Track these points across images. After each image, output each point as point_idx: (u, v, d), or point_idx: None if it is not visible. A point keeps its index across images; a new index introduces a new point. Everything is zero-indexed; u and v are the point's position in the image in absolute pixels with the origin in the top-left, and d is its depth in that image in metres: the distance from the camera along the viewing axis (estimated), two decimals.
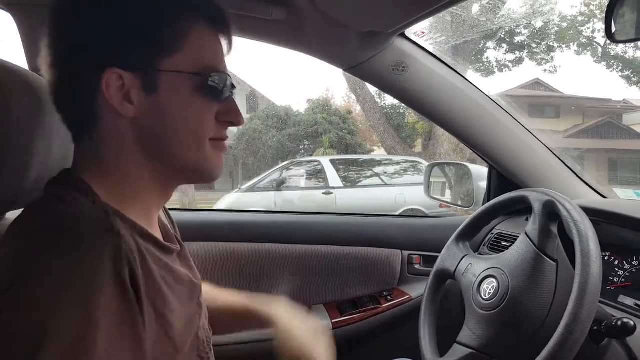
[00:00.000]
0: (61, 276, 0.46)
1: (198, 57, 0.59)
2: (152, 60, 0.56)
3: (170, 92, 0.58)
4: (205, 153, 0.62)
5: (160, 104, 0.57)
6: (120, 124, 0.57)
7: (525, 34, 13.31)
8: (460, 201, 1.72)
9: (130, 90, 0.56)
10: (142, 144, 0.59)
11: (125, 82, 0.55)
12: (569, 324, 0.73)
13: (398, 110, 13.33)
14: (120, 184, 0.59)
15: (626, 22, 0.88)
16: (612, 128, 15.38)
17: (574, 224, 0.81)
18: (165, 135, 0.59)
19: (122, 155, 0.59)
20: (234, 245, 1.38)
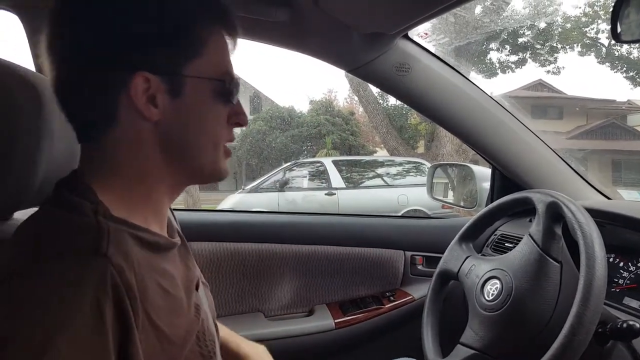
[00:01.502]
0: (38, 292, 0.45)
1: (216, 62, 0.61)
2: (178, 65, 0.57)
3: (193, 96, 0.59)
4: (219, 156, 0.63)
5: (183, 107, 0.58)
6: (142, 126, 0.57)
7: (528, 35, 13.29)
8: (463, 202, 1.72)
9: (155, 93, 0.56)
10: (163, 146, 0.59)
11: (152, 85, 0.56)
12: (574, 325, 0.72)
13: (401, 111, 13.33)
14: (133, 186, 0.59)
15: (631, 22, 0.88)
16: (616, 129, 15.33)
17: (578, 225, 0.81)
18: (186, 139, 0.60)
19: (139, 156, 0.58)
20: (237, 246, 1.38)
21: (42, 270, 0.46)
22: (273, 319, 1.41)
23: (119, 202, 0.56)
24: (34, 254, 0.48)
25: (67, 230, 0.50)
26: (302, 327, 1.38)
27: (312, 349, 1.37)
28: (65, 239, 0.49)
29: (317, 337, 1.37)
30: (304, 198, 7.36)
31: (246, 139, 13.39)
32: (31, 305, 0.44)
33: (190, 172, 0.63)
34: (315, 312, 1.43)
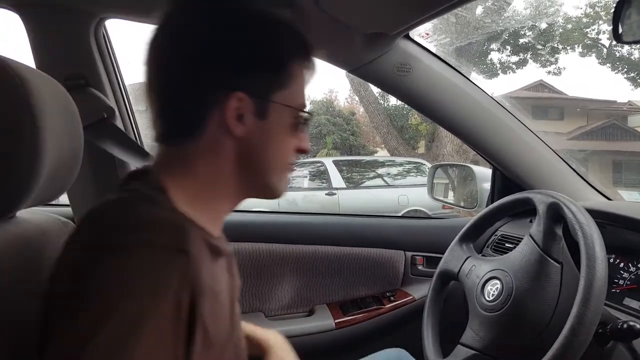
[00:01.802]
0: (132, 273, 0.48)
1: (298, 95, 0.67)
2: (269, 91, 0.63)
3: (276, 121, 0.64)
4: (284, 177, 0.70)
5: (265, 129, 0.64)
6: (226, 139, 0.62)
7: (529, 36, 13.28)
8: (464, 202, 1.72)
9: (244, 113, 0.61)
10: (239, 160, 0.64)
11: (244, 105, 0.61)
12: (574, 326, 0.72)
13: (401, 111, 13.32)
14: (201, 190, 0.63)
15: (633, 23, 0.88)
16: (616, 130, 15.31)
17: (579, 226, 0.81)
18: (262, 157, 0.65)
19: (215, 165, 0.63)
20: (238, 245, 1.38)
21: (135, 254, 0.49)
22: (273, 318, 1.41)
23: (187, 203, 0.60)
24: (125, 238, 0.50)
25: (154, 223, 0.53)
26: (303, 327, 1.38)
27: (313, 349, 1.37)
28: (152, 230, 0.52)
29: (318, 337, 1.37)
30: (304, 198, 7.34)
31: None
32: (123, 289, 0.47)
33: (256, 187, 0.68)
34: (315, 312, 1.43)
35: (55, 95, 0.67)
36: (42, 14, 1.10)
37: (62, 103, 0.68)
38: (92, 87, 1.18)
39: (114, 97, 1.27)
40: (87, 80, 1.17)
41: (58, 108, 0.66)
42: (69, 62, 1.18)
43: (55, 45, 1.15)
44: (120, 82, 1.30)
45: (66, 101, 0.69)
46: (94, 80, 1.18)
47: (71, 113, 0.70)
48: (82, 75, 1.17)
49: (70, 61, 1.18)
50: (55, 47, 1.15)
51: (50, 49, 1.15)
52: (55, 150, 0.63)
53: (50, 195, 0.70)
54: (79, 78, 1.16)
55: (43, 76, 0.66)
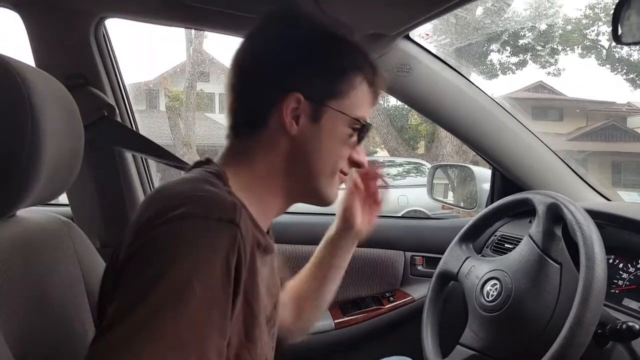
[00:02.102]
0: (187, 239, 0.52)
1: (357, 107, 0.70)
2: (324, 97, 0.68)
3: (329, 126, 0.68)
4: (332, 182, 0.72)
5: (318, 132, 0.68)
6: (281, 137, 0.67)
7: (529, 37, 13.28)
8: (463, 203, 1.72)
9: (300, 114, 0.66)
10: (291, 157, 0.68)
11: (300, 106, 0.66)
12: (573, 327, 0.73)
13: (401, 111, 13.30)
14: (256, 183, 0.68)
15: (632, 24, 0.88)
16: (616, 131, 15.31)
17: (578, 226, 0.81)
18: (312, 157, 0.69)
19: (270, 161, 0.68)
20: None
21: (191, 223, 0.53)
22: None
23: (241, 191, 0.63)
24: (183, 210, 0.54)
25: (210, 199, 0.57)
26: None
27: (312, 349, 1.36)
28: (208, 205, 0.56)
29: (317, 338, 1.37)
30: None
31: None
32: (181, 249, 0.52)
33: (304, 188, 0.72)
34: None
35: (56, 94, 0.67)
36: (42, 13, 1.10)
37: (63, 102, 0.68)
38: (92, 87, 1.18)
39: (114, 96, 1.27)
40: (87, 80, 1.17)
41: (59, 107, 0.66)
42: (68, 62, 1.18)
43: (55, 44, 1.15)
44: (120, 82, 1.30)
45: (67, 100, 0.70)
46: (93, 79, 1.18)
47: (72, 112, 0.70)
48: (82, 74, 1.17)
49: (70, 60, 1.18)
50: (55, 47, 1.15)
51: (50, 48, 1.15)
52: (56, 150, 0.63)
53: (50, 195, 0.70)
54: (78, 77, 1.16)
55: (44, 75, 0.66)
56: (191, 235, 0.53)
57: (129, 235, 0.57)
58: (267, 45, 0.68)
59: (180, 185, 0.61)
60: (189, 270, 0.50)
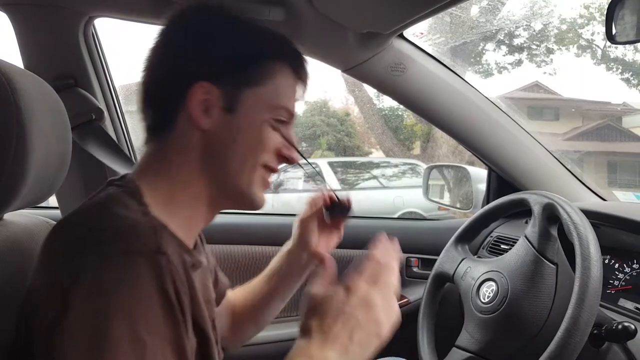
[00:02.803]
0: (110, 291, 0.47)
1: (278, 96, 0.65)
2: (239, 86, 0.63)
3: (246, 117, 0.63)
4: (254, 179, 0.65)
5: (234, 124, 0.63)
6: (193, 134, 0.62)
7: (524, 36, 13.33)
8: (459, 204, 1.72)
9: (212, 105, 0.61)
10: (206, 155, 0.63)
11: (211, 96, 0.61)
12: (569, 327, 0.72)
13: (396, 112, 13.30)
14: (174, 194, 0.62)
15: (626, 24, 0.88)
16: (611, 131, 15.37)
17: (574, 226, 0.80)
18: (228, 152, 0.63)
19: (185, 162, 0.63)
20: (230, 248, 1.37)
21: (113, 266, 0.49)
22: None
23: (161, 207, 0.59)
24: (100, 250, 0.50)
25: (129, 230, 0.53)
26: (297, 330, 1.36)
27: None
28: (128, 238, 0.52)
29: None
30: (298, 200, 7.32)
31: None
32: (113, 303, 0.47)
33: (225, 190, 0.65)
34: None
35: (43, 95, 0.65)
36: (30, 13, 1.09)
37: (50, 104, 0.67)
38: (81, 87, 1.16)
39: (104, 97, 1.25)
40: (76, 81, 1.16)
41: (45, 109, 0.64)
42: (57, 62, 1.16)
43: (44, 44, 1.14)
44: (110, 83, 1.28)
45: (54, 102, 0.68)
46: (83, 80, 1.17)
47: (59, 114, 0.69)
48: (71, 75, 1.16)
49: (59, 61, 1.17)
50: (43, 47, 1.14)
51: (39, 48, 1.14)
52: (43, 152, 0.62)
53: (38, 198, 0.69)
54: (67, 78, 1.15)
55: (30, 76, 0.65)
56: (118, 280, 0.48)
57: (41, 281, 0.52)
58: (173, 37, 0.65)
59: (89, 217, 0.56)
60: (129, 324, 0.46)
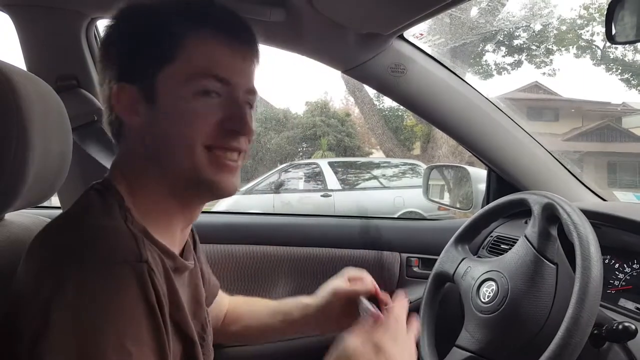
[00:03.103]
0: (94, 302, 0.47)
1: (194, 63, 0.60)
2: (152, 71, 0.59)
3: (167, 100, 0.60)
4: (197, 162, 0.60)
5: (159, 113, 0.60)
6: (132, 135, 0.62)
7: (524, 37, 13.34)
8: (459, 204, 1.72)
9: (136, 102, 0.60)
10: (147, 154, 0.61)
11: (130, 95, 0.60)
12: (569, 327, 0.72)
13: (396, 112, 13.33)
14: (144, 198, 0.61)
15: (626, 24, 0.88)
16: (611, 131, 15.38)
17: (574, 226, 0.80)
18: (161, 144, 0.60)
19: (139, 163, 0.62)
20: (232, 248, 1.37)
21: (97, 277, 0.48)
22: None
23: (140, 208, 0.59)
24: (81, 260, 0.50)
25: (108, 238, 0.53)
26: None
27: (306, 352, 1.35)
28: (108, 246, 0.52)
29: (312, 340, 1.36)
30: (299, 200, 7.34)
31: None
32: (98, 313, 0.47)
33: (175, 178, 0.62)
34: None
35: (43, 96, 0.66)
36: (33, 15, 1.09)
37: (51, 104, 0.67)
38: (84, 88, 1.16)
39: None
40: (79, 82, 1.16)
41: (46, 109, 0.65)
42: (60, 63, 1.16)
43: (46, 46, 1.14)
44: None
45: (55, 102, 0.68)
46: (85, 81, 1.17)
47: (60, 114, 0.69)
48: (74, 76, 1.16)
49: (61, 62, 1.17)
50: (46, 48, 1.14)
51: (41, 49, 1.14)
52: (43, 152, 0.62)
53: (38, 198, 0.69)
54: (70, 79, 1.15)
55: (31, 77, 0.65)
56: (100, 290, 0.48)
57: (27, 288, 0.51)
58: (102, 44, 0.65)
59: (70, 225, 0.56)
60: (114, 335, 0.46)
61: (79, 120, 1.11)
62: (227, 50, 0.62)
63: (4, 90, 0.56)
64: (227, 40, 0.62)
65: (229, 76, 0.62)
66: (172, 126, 0.60)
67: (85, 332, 0.46)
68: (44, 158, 0.63)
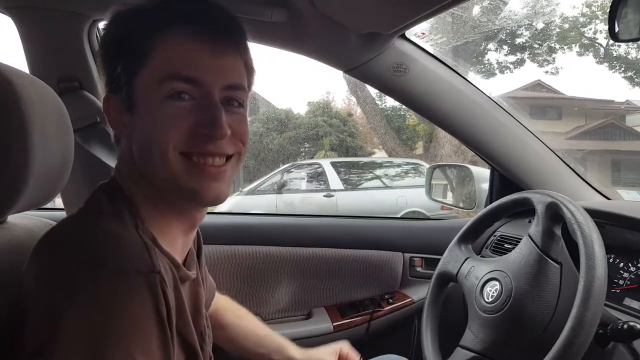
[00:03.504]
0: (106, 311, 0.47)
1: (163, 66, 0.57)
2: (128, 79, 0.59)
3: (142, 108, 0.58)
4: (173, 170, 0.58)
5: (138, 121, 0.59)
6: (122, 144, 0.62)
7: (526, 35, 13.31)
8: (462, 203, 1.71)
9: (121, 113, 0.60)
10: (134, 163, 0.61)
11: (116, 105, 0.60)
12: (574, 327, 0.72)
13: (399, 112, 13.33)
14: (148, 208, 0.61)
15: (629, 21, 0.87)
16: (614, 129, 15.34)
17: (577, 226, 0.80)
18: (142, 153, 0.59)
19: (132, 174, 0.61)
20: (235, 248, 1.37)
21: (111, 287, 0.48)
22: (271, 322, 1.40)
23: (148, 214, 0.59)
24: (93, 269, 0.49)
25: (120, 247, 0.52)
26: (301, 330, 1.37)
27: None
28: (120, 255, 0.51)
29: (316, 341, 1.36)
30: (302, 200, 7.35)
31: None
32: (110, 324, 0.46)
33: (158, 187, 0.60)
34: (313, 315, 1.42)
35: (45, 98, 0.66)
36: (35, 17, 1.09)
37: (52, 106, 0.67)
38: (86, 90, 1.17)
39: None
40: (81, 83, 1.16)
41: (48, 111, 0.65)
42: (62, 65, 1.17)
43: (48, 48, 1.14)
44: None
45: (56, 104, 0.69)
46: (87, 83, 1.17)
47: (61, 116, 0.69)
48: (76, 78, 1.16)
49: (63, 64, 1.17)
50: (48, 50, 1.14)
51: (43, 51, 1.14)
52: (45, 154, 0.62)
53: (41, 200, 0.69)
54: (72, 81, 1.15)
55: (32, 79, 0.65)
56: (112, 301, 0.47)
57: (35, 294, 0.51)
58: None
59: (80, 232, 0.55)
60: (124, 345, 0.46)
61: (82, 121, 1.11)
62: (191, 47, 0.58)
63: (4, 92, 0.57)
64: (193, 36, 0.58)
65: (197, 75, 0.58)
66: (147, 134, 0.58)
67: (95, 342, 0.46)
68: (45, 160, 0.63)
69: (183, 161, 0.58)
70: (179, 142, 0.57)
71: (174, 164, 0.57)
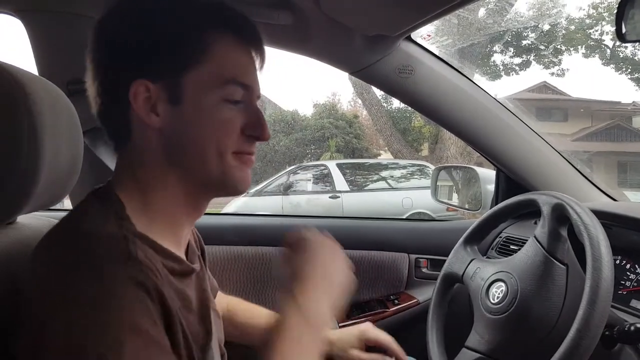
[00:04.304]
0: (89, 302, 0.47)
1: (222, 69, 0.60)
2: (177, 72, 0.59)
3: (193, 103, 0.59)
4: (227, 167, 0.62)
5: (184, 115, 0.59)
6: (149, 135, 0.60)
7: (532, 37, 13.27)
8: (468, 204, 1.71)
9: (156, 102, 0.58)
10: (167, 155, 0.60)
11: (152, 93, 0.58)
12: (580, 329, 0.72)
13: (404, 113, 13.32)
14: (149, 200, 0.61)
15: (636, 22, 0.87)
16: (621, 131, 15.25)
17: (584, 227, 0.80)
18: (187, 148, 0.60)
19: (151, 167, 0.61)
20: (241, 249, 1.37)
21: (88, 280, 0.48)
22: None
23: (141, 214, 0.59)
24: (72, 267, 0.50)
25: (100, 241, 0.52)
26: None
27: None
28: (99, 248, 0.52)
29: None
30: (308, 201, 7.35)
31: None
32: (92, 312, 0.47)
33: (198, 183, 0.62)
34: None
35: (54, 100, 0.67)
36: (44, 19, 1.11)
37: (62, 108, 0.68)
38: None
39: None
40: None
41: (57, 113, 0.66)
42: (71, 67, 1.17)
43: (57, 50, 1.15)
44: None
45: (65, 106, 0.69)
46: None
47: (71, 118, 0.70)
48: (84, 80, 1.17)
49: (72, 66, 1.18)
50: (57, 52, 1.15)
51: (53, 53, 1.15)
52: (54, 155, 0.63)
53: (50, 201, 0.70)
54: (81, 83, 1.16)
55: (42, 81, 0.66)
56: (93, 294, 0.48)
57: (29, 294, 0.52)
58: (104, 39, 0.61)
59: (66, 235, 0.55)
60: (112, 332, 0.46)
61: (90, 123, 1.12)
62: (248, 56, 0.63)
63: (15, 94, 0.57)
64: (247, 47, 0.63)
65: (251, 83, 0.63)
66: (198, 131, 0.60)
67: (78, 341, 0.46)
68: (55, 161, 0.64)
69: (236, 158, 0.62)
70: (233, 142, 0.62)
71: (229, 162, 0.61)
